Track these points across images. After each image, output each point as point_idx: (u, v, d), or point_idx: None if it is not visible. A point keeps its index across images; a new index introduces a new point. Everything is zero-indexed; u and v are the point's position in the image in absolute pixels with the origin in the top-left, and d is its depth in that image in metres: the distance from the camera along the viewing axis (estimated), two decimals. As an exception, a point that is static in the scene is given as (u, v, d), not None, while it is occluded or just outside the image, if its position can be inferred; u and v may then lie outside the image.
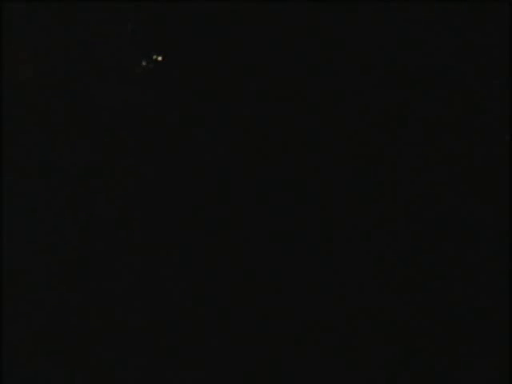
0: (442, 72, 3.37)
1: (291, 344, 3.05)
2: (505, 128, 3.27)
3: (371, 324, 3.12)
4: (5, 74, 3.47)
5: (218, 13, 3.46)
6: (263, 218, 3.33)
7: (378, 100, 3.38)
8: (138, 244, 3.29)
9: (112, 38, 3.55)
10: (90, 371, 2.90)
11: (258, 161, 3.38)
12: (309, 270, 3.25)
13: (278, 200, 3.34)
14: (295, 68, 3.44)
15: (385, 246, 3.27)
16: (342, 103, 3.41)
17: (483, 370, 2.97)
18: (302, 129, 3.39)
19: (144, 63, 3.53)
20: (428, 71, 3.38)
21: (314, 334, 3.08)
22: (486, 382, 2.94)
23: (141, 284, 3.21)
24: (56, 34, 3.53)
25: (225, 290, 3.21)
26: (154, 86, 3.49)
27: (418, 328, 3.11)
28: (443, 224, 3.26)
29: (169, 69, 3.51)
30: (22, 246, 3.24)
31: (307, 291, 3.20)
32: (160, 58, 3.51)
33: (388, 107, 3.37)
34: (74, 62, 3.53)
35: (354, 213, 3.32)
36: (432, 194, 3.30)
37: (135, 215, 3.34)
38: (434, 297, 3.15)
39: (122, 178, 3.40)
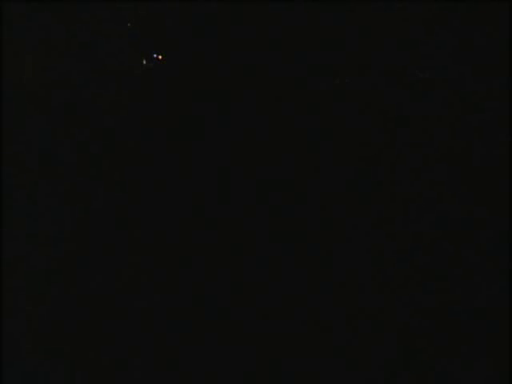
0: (441, 72, 3.37)
1: (291, 344, 3.05)
2: (505, 128, 3.27)
3: (371, 324, 3.12)
4: (5, 74, 3.47)
5: (218, 13, 3.46)
6: (263, 218, 3.33)
7: (378, 100, 3.38)
8: (137, 241, 3.29)
9: (112, 37, 3.55)
10: (90, 371, 2.89)
11: (258, 161, 3.38)
12: (309, 269, 3.25)
13: (278, 200, 3.34)
14: (295, 68, 3.44)
15: (384, 246, 3.27)
16: (342, 103, 3.42)
17: (483, 370, 2.96)
18: (302, 129, 3.40)
19: (144, 63, 3.53)
20: (427, 71, 3.38)
21: (314, 334, 3.08)
22: (486, 382, 2.94)
23: (141, 282, 3.21)
24: (56, 34, 3.53)
25: (225, 290, 3.21)
26: (154, 86, 3.49)
27: (418, 328, 3.10)
28: (443, 224, 3.26)
29: (169, 69, 3.51)
30: (22, 245, 3.24)
31: (307, 291, 3.20)
32: (160, 57, 3.52)
33: (388, 107, 3.37)
34: (74, 61, 3.53)
35: (354, 213, 3.32)
36: (432, 194, 3.30)
37: (135, 214, 3.34)
38: (434, 297, 3.15)
39: (121, 177, 3.40)
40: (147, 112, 3.46)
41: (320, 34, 3.42)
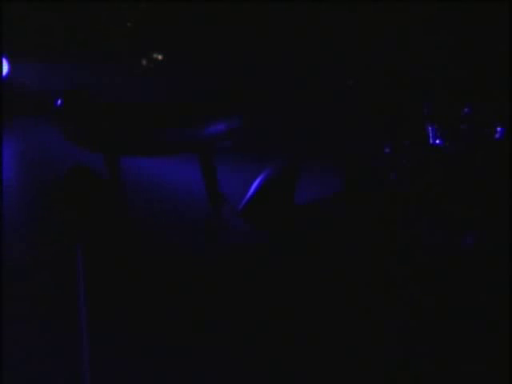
0: (441, 72, 3.37)
1: (291, 344, 3.05)
2: (505, 128, 3.27)
3: (371, 324, 3.12)
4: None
5: (218, 13, 3.47)
6: (263, 218, 3.33)
7: (378, 100, 3.39)
8: (137, 243, 3.30)
9: (112, 37, 3.56)
10: (91, 371, 2.90)
11: (257, 160, 3.39)
12: (309, 270, 3.25)
13: (278, 199, 3.34)
14: (295, 68, 3.45)
15: (385, 246, 3.27)
16: (342, 103, 3.42)
17: (483, 370, 2.96)
18: (302, 128, 3.40)
19: (144, 63, 3.54)
20: (427, 71, 3.38)
21: (314, 334, 3.08)
22: (485, 382, 2.94)
23: (140, 283, 3.22)
24: (56, 34, 3.54)
25: (225, 289, 3.22)
26: (154, 86, 3.50)
27: (418, 329, 3.10)
28: (443, 225, 3.27)
29: (169, 69, 3.51)
30: (22, 246, 3.25)
31: (308, 291, 3.20)
32: (160, 57, 3.52)
33: (388, 107, 3.38)
34: (75, 61, 3.53)
35: (353, 212, 3.32)
36: (432, 194, 3.30)
37: (134, 213, 3.35)
38: (435, 296, 3.15)
39: (121, 176, 3.40)
40: (147, 111, 3.46)
41: (320, 33, 3.43)
